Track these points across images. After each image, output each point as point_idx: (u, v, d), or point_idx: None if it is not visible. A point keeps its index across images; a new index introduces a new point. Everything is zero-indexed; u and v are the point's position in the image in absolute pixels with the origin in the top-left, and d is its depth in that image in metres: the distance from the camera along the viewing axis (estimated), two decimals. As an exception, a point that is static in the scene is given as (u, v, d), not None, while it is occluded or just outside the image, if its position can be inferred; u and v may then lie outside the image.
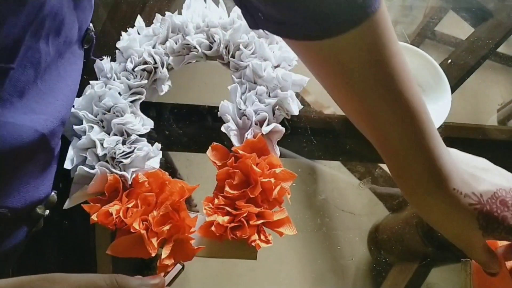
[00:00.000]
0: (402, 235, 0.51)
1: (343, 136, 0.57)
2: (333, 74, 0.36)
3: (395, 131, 0.36)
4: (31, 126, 0.37)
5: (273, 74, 0.52)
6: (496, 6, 0.70)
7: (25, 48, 0.35)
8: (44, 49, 0.38)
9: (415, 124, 0.35)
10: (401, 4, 0.73)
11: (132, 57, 0.54)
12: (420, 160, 0.36)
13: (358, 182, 0.54)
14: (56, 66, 0.42)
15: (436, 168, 0.36)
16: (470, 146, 0.58)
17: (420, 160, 0.36)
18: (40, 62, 0.38)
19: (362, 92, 0.35)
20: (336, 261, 0.50)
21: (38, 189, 0.41)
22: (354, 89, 0.35)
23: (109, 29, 0.62)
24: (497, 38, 0.66)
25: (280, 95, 0.51)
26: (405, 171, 0.37)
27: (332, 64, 0.35)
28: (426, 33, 0.70)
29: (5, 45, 0.32)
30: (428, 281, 0.49)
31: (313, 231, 0.51)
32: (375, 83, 0.34)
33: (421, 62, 0.58)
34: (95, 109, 0.50)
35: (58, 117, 0.41)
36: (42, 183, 0.42)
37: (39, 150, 0.39)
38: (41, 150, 0.40)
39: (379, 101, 0.35)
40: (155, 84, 0.55)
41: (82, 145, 0.48)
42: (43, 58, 0.38)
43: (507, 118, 0.64)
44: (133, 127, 0.49)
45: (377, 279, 0.49)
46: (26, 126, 0.37)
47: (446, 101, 0.55)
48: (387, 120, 0.35)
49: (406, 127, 0.35)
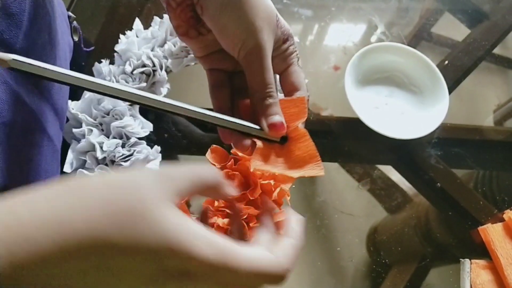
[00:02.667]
0: (401, 236, 0.52)
1: (342, 138, 0.57)
2: None
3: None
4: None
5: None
6: (491, 8, 0.70)
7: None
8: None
9: None
10: (397, 6, 0.74)
11: (130, 60, 0.54)
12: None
13: (357, 184, 0.55)
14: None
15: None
16: (467, 146, 0.58)
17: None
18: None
19: None
20: (336, 263, 0.50)
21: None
22: None
23: (107, 32, 0.62)
24: (493, 40, 0.67)
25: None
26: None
27: None
28: (422, 35, 0.71)
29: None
30: (427, 282, 0.49)
31: (312, 233, 0.51)
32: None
33: (418, 63, 0.59)
34: (94, 112, 0.50)
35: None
36: (53, 178, 0.42)
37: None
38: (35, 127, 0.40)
39: None
40: (154, 87, 0.55)
41: (82, 148, 0.48)
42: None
43: (503, 118, 0.64)
44: (132, 130, 0.49)
45: (376, 280, 0.49)
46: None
47: (444, 102, 0.56)
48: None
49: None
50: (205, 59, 0.36)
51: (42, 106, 0.41)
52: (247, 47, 0.31)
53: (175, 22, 0.33)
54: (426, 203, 0.54)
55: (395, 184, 0.56)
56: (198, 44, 0.34)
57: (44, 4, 0.41)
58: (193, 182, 0.24)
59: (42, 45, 0.41)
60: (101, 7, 0.65)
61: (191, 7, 0.31)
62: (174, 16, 0.32)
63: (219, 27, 0.31)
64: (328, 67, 0.64)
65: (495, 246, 0.47)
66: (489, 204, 0.53)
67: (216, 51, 0.34)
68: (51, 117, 0.43)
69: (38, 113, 0.41)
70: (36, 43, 0.39)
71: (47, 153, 0.42)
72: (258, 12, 0.31)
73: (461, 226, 0.52)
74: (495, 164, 0.58)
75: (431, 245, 0.51)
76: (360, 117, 0.53)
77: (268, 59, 0.32)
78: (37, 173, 0.40)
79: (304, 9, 0.70)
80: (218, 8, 0.30)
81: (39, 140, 0.41)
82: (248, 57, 0.31)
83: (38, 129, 0.41)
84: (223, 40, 0.32)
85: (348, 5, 0.72)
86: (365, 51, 0.58)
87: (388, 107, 0.58)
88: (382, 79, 0.60)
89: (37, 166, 0.40)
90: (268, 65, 0.32)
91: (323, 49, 0.67)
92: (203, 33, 0.33)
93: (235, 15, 0.30)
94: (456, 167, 0.56)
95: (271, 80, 0.32)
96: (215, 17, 0.31)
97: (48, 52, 0.43)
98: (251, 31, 0.31)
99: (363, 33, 0.70)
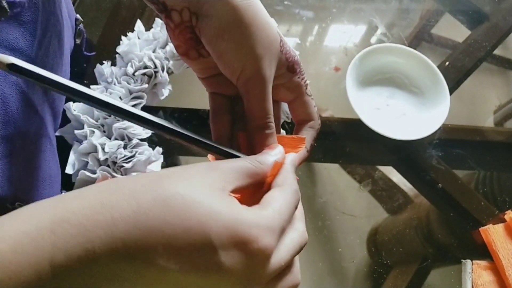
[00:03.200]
0: (402, 237, 0.52)
1: (343, 139, 0.57)
2: None
3: None
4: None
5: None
6: (492, 9, 0.70)
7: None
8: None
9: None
10: (398, 7, 0.74)
11: (132, 61, 0.54)
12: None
13: (358, 185, 0.55)
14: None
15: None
16: (468, 147, 0.58)
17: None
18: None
19: None
20: (337, 263, 0.50)
21: (52, 188, 0.42)
22: None
23: (109, 33, 0.62)
24: (493, 41, 0.67)
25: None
26: None
27: None
28: (423, 36, 0.71)
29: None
30: (428, 283, 0.49)
31: (313, 234, 0.51)
32: None
33: (419, 64, 0.59)
34: (96, 114, 0.50)
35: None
36: (55, 181, 0.43)
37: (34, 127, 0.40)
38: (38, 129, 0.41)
39: None
40: (155, 89, 0.55)
41: (84, 149, 0.48)
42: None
43: (504, 119, 0.64)
44: (134, 132, 0.49)
45: (378, 281, 0.49)
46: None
47: (445, 103, 0.56)
48: None
49: None
50: (207, 81, 0.34)
51: (46, 111, 0.42)
52: (245, 75, 0.29)
53: (174, 42, 0.31)
54: (427, 204, 0.54)
55: (396, 185, 0.56)
56: (199, 65, 0.33)
57: (54, 11, 0.41)
58: (239, 173, 0.25)
59: (53, 52, 0.42)
60: (103, 8, 0.65)
61: (190, 29, 0.30)
62: (173, 36, 0.30)
63: (217, 53, 0.29)
64: (329, 68, 0.65)
65: (496, 247, 0.47)
66: (490, 205, 0.53)
67: (217, 74, 0.33)
68: (50, 120, 0.44)
69: (45, 119, 0.41)
70: (48, 50, 0.40)
71: (49, 157, 0.42)
72: (259, 39, 0.29)
73: (462, 227, 0.52)
74: (496, 165, 0.58)
75: (432, 246, 0.51)
76: (361, 118, 0.53)
77: (267, 88, 0.30)
78: (42, 179, 0.40)
79: (305, 11, 0.70)
80: (216, 33, 0.28)
81: (44, 146, 0.41)
82: (247, 85, 0.30)
83: (44, 135, 0.41)
84: (221, 66, 0.30)
85: (349, 6, 0.72)
86: (366, 52, 0.58)
87: (389, 108, 0.58)
88: (383, 80, 0.60)
89: (43, 172, 0.40)
90: (268, 94, 0.30)
91: (324, 50, 0.67)
92: (203, 55, 0.31)
93: (234, 41, 0.29)
94: (457, 168, 0.56)
95: (269, 110, 0.30)
96: (212, 42, 0.29)
97: (58, 59, 0.43)
98: (250, 58, 0.29)
99: (364, 34, 0.70)
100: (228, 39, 0.28)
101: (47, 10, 0.39)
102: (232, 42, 0.29)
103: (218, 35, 0.29)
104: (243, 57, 0.29)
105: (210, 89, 0.35)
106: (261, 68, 0.29)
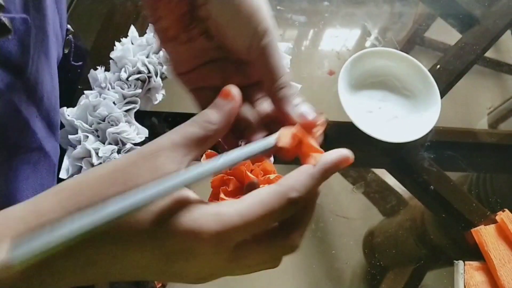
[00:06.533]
0: (396, 238, 0.52)
1: (336, 142, 0.57)
2: None
3: None
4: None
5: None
6: (482, 12, 0.71)
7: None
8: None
9: None
10: (390, 11, 0.75)
11: (126, 66, 0.54)
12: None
13: (352, 187, 0.55)
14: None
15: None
16: (460, 149, 0.59)
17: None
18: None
19: None
20: (331, 266, 0.50)
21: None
22: None
23: (103, 39, 0.62)
24: (484, 44, 0.68)
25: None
26: None
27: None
28: (415, 40, 0.71)
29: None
30: (421, 284, 0.49)
31: (307, 237, 0.51)
32: None
33: (411, 68, 0.60)
34: (90, 119, 0.50)
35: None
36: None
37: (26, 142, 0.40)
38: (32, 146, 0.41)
39: None
40: (149, 93, 0.55)
41: (78, 154, 0.48)
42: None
43: (495, 121, 0.65)
44: (128, 136, 0.50)
45: (372, 282, 0.49)
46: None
47: (436, 106, 0.56)
48: None
49: None
50: (190, 76, 0.31)
51: (39, 125, 0.42)
52: (262, 32, 0.28)
53: (165, 22, 0.29)
54: (421, 205, 0.55)
55: (389, 187, 0.56)
56: (186, 52, 0.30)
57: (43, 25, 0.42)
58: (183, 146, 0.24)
59: (42, 67, 0.42)
60: (97, 14, 0.66)
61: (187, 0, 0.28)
62: (167, 13, 0.28)
63: (230, 12, 0.28)
64: (322, 72, 0.65)
65: (488, 247, 0.48)
66: (482, 206, 0.53)
67: (202, 64, 0.31)
68: (47, 133, 0.44)
69: (37, 132, 0.41)
70: (38, 66, 0.40)
71: (43, 169, 0.43)
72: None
73: (455, 228, 0.52)
74: (487, 167, 0.59)
75: (426, 247, 0.51)
76: (354, 121, 0.53)
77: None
78: (33, 189, 0.40)
79: (297, 15, 0.71)
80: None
81: (36, 158, 0.42)
82: (265, 46, 0.28)
83: (36, 148, 0.42)
84: (232, 34, 0.29)
85: (341, 10, 0.73)
86: (358, 56, 0.58)
87: (381, 111, 0.59)
88: (375, 83, 0.61)
89: (33, 182, 0.41)
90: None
91: (317, 54, 0.68)
92: (193, 37, 0.29)
93: (245, 3, 0.27)
94: (449, 169, 0.57)
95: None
96: (220, 9, 0.28)
97: (46, 72, 0.43)
98: (263, 15, 0.28)
99: (357, 39, 0.71)
100: (238, 3, 0.27)
101: (36, 26, 0.39)
102: (244, 1, 0.27)
103: (224, 0, 0.27)
104: (257, 14, 0.28)
105: (192, 85, 0.32)
106: (271, 25, 0.28)
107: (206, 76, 0.31)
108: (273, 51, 0.29)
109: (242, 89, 0.29)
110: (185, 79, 0.32)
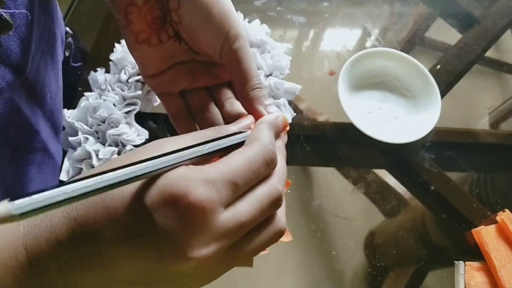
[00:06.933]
0: (396, 239, 0.52)
1: (336, 142, 0.58)
2: None
3: None
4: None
5: (265, 82, 0.52)
6: (482, 12, 0.71)
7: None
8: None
9: None
10: (390, 11, 0.75)
11: (126, 68, 0.54)
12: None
13: (352, 188, 0.55)
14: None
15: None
16: (460, 150, 0.59)
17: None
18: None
19: None
20: (332, 267, 0.50)
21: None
22: None
23: (102, 41, 0.62)
24: (484, 44, 0.68)
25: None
26: None
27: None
28: (415, 40, 0.71)
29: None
30: (422, 285, 0.49)
31: (308, 237, 0.51)
32: None
33: (410, 68, 0.60)
34: (90, 121, 0.50)
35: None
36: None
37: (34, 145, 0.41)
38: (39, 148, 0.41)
39: None
40: (149, 95, 0.55)
41: (78, 156, 0.48)
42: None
43: (496, 121, 0.65)
44: (128, 138, 0.50)
45: (373, 283, 0.49)
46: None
47: (436, 106, 0.56)
48: None
49: None
50: (158, 78, 0.32)
51: (43, 125, 0.42)
52: (233, 36, 0.30)
53: (137, 26, 0.29)
54: (422, 206, 0.55)
55: (390, 187, 0.56)
56: (155, 55, 0.31)
57: (50, 26, 0.42)
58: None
59: (45, 67, 0.42)
60: (96, 16, 0.66)
61: (160, 4, 0.29)
62: (138, 18, 0.29)
63: (202, 17, 0.29)
64: (323, 72, 0.65)
65: (488, 248, 0.48)
66: (483, 206, 0.53)
67: (171, 66, 0.32)
68: (51, 134, 0.44)
69: (41, 132, 0.41)
70: (40, 65, 0.40)
71: (47, 170, 0.43)
72: (229, 2, 0.30)
73: (455, 229, 0.52)
74: (488, 167, 0.59)
75: (426, 247, 0.51)
76: (354, 122, 0.53)
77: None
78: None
79: (297, 16, 0.71)
80: (196, 3, 0.28)
81: (41, 159, 0.42)
82: (236, 50, 0.30)
83: (40, 148, 0.42)
84: (204, 36, 0.30)
85: (341, 11, 0.73)
86: (358, 56, 0.58)
87: (381, 111, 0.59)
88: (375, 84, 0.61)
89: (37, 183, 0.41)
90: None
91: (317, 55, 0.68)
92: (163, 40, 0.30)
93: (217, 6, 0.29)
94: (449, 170, 0.57)
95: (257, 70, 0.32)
96: (191, 13, 0.29)
97: (50, 72, 0.44)
98: (234, 20, 0.30)
99: (357, 39, 0.71)
100: (212, 5, 0.29)
101: (42, 25, 0.39)
102: (216, 7, 0.29)
103: (197, 5, 0.28)
104: (228, 19, 0.29)
105: (160, 89, 0.33)
106: (242, 29, 0.30)
107: (175, 77, 0.32)
108: (245, 54, 0.30)
109: (210, 89, 0.32)
110: (154, 82, 0.32)
